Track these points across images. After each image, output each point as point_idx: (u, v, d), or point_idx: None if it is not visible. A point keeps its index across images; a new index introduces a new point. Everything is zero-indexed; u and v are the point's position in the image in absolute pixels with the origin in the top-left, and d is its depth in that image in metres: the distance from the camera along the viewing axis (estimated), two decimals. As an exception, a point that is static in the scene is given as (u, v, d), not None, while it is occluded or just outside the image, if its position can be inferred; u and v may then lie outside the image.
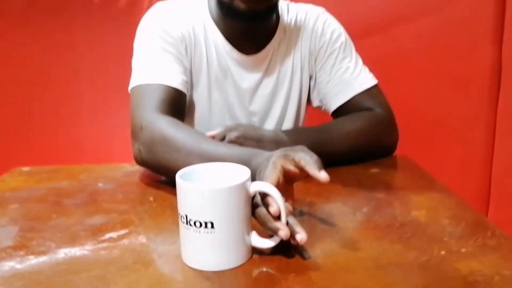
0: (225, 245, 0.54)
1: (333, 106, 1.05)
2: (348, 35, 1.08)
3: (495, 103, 1.37)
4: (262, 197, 0.56)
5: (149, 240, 0.64)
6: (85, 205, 0.76)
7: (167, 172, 0.78)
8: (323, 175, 0.57)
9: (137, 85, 0.91)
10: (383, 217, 0.70)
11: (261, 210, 0.56)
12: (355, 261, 0.57)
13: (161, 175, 0.86)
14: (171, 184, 0.72)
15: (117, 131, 1.52)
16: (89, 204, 0.77)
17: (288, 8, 1.06)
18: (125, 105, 0.91)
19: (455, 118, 1.42)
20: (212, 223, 0.53)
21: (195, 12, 1.00)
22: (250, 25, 0.98)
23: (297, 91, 1.07)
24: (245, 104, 1.04)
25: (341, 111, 1.04)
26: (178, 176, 0.55)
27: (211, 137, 0.87)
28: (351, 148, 0.94)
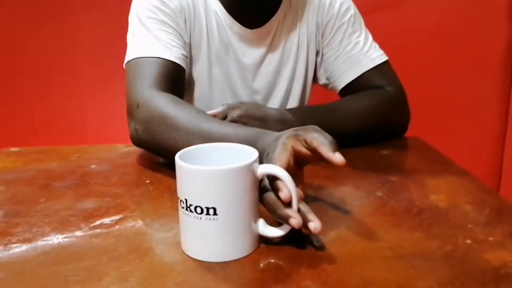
0: (229, 234, 0.49)
1: (341, 84, 0.99)
2: (357, 9, 1.02)
3: (509, 82, 1.31)
4: (270, 181, 0.51)
5: (146, 226, 0.58)
6: (76, 188, 0.71)
7: (165, 153, 0.72)
8: (338, 158, 0.51)
9: (132, 59, 0.84)
10: (399, 201, 0.64)
11: (270, 195, 0.51)
12: (372, 251, 0.51)
13: (159, 157, 0.81)
14: (169, 166, 0.66)
15: (114, 109, 1.45)
16: (80, 187, 0.71)
17: (293, -22, 1.00)
18: (123, 82, 0.85)
19: (466, 97, 1.37)
20: (214, 209, 0.47)
21: (195, -18, 0.93)
22: (253, -4, 0.91)
23: (303, 67, 1.01)
24: (247, 81, 0.98)
25: (349, 89, 0.98)
26: (177, 156, 0.50)
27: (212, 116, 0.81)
28: (361, 128, 0.89)
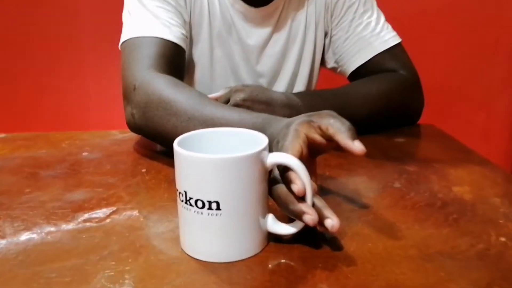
0: (234, 231, 0.43)
1: (351, 67, 0.93)
2: (368, -13, 0.95)
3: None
4: (281, 172, 0.45)
5: (141, 220, 0.52)
6: (65, 178, 0.65)
7: (163, 139, 0.66)
8: (358, 146, 0.45)
9: (129, 39, 0.78)
10: (420, 194, 0.59)
11: (281, 188, 0.45)
12: (395, 249, 0.46)
13: (157, 144, 0.75)
14: (168, 154, 0.60)
15: (111, 94, 1.39)
16: (70, 176, 0.65)
17: (301, -47, 0.93)
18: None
19: (478, 84, 1.31)
20: (217, 203, 0.42)
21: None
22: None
23: (310, 49, 0.95)
24: (251, 63, 0.92)
25: (359, 73, 0.92)
26: (176, 143, 0.44)
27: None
28: (373, 113, 0.83)
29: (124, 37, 0.80)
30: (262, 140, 0.45)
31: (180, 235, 0.46)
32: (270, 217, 0.46)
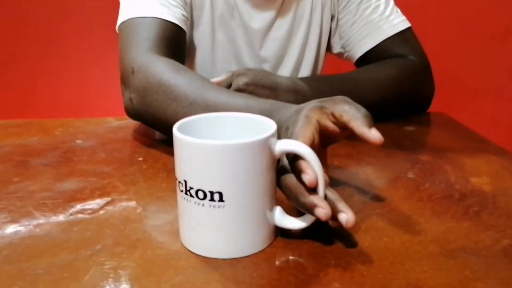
0: (239, 224, 0.39)
1: (358, 52, 0.89)
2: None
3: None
4: (291, 160, 0.41)
5: (137, 212, 0.48)
6: (57, 166, 0.61)
7: (163, 126, 0.62)
8: (375, 134, 0.42)
9: (126, 20, 0.74)
10: (435, 185, 0.55)
11: (290, 178, 0.41)
12: (414, 245, 0.42)
13: (157, 130, 0.71)
14: (167, 142, 0.57)
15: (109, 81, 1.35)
16: (62, 164, 0.62)
17: None
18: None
19: (487, 72, 1.27)
20: (220, 194, 0.38)
21: None
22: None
23: (316, 34, 0.91)
24: (254, 48, 0.88)
25: (367, 59, 0.88)
26: (175, 127, 0.40)
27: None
28: (383, 99, 0.79)
29: (121, 18, 0.76)
30: (270, 125, 0.41)
31: (179, 228, 0.42)
32: (277, 210, 0.42)
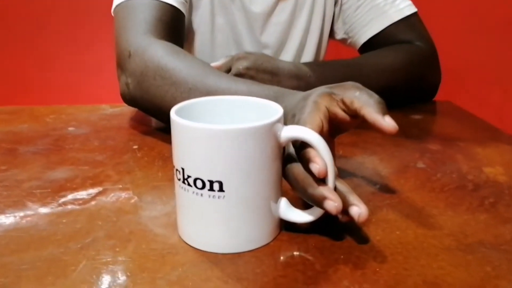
0: (240, 217, 0.36)
1: (362, 38, 0.86)
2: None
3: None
4: (298, 149, 0.38)
5: (131, 203, 0.45)
6: (47, 154, 0.58)
7: (161, 112, 0.59)
8: (389, 122, 0.38)
9: (123, 2, 0.70)
10: (447, 175, 0.52)
11: (297, 168, 0.37)
12: (429, 239, 0.39)
13: (154, 117, 0.68)
14: (165, 130, 0.53)
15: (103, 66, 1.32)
16: (52, 152, 0.58)
17: None
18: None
19: (493, 61, 1.23)
20: (220, 184, 0.35)
21: None
22: None
23: (319, 19, 0.87)
24: (255, 33, 0.85)
25: (371, 45, 0.85)
26: (173, 111, 0.37)
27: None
28: (389, 86, 0.75)
29: (117, 0, 0.72)
30: (275, 110, 0.38)
31: (177, 220, 0.39)
32: (283, 202, 0.39)
